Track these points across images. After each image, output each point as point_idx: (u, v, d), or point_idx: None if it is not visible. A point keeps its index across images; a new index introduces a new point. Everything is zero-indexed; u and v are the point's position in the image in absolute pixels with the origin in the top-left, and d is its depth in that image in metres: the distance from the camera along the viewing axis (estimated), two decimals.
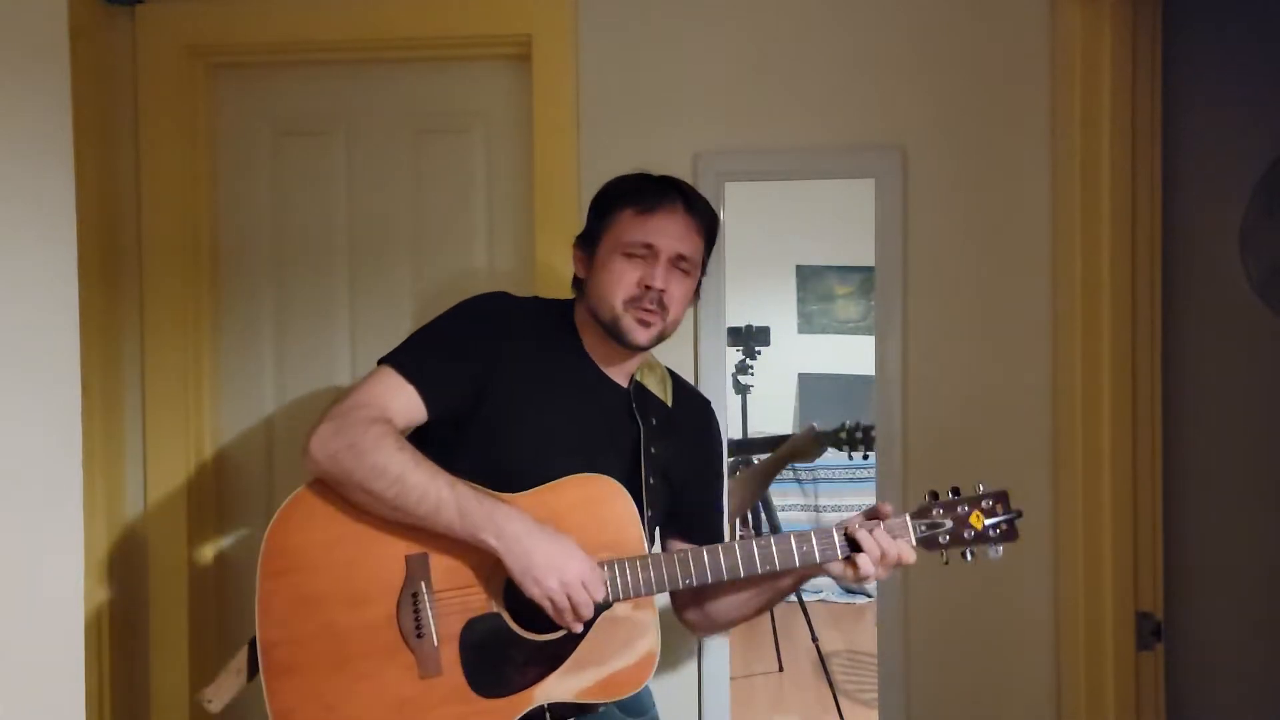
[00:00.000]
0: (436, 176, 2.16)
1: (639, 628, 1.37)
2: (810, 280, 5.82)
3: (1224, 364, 1.81)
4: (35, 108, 1.33)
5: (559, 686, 1.35)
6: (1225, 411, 1.81)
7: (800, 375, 5.72)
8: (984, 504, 1.42)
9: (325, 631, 1.33)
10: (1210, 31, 1.82)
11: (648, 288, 1.42)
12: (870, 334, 2.32)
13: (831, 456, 5.50)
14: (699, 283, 1.53)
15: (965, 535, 1.41)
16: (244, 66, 2.19)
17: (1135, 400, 1.82)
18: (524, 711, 1.34)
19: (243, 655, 1.39)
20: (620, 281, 1.43)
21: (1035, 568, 1.96)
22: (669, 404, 1.55)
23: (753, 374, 5.85)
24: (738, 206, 2.11)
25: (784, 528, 4.32)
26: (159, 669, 2.15)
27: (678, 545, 1.55)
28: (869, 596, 5.01)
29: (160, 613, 2.14)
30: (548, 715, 1.38)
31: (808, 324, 5.86)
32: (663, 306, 1.43)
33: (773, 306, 5.73)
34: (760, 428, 4.69)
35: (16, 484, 1.30)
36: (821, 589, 5.09)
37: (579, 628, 1.33)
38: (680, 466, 1.52)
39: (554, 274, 2.03)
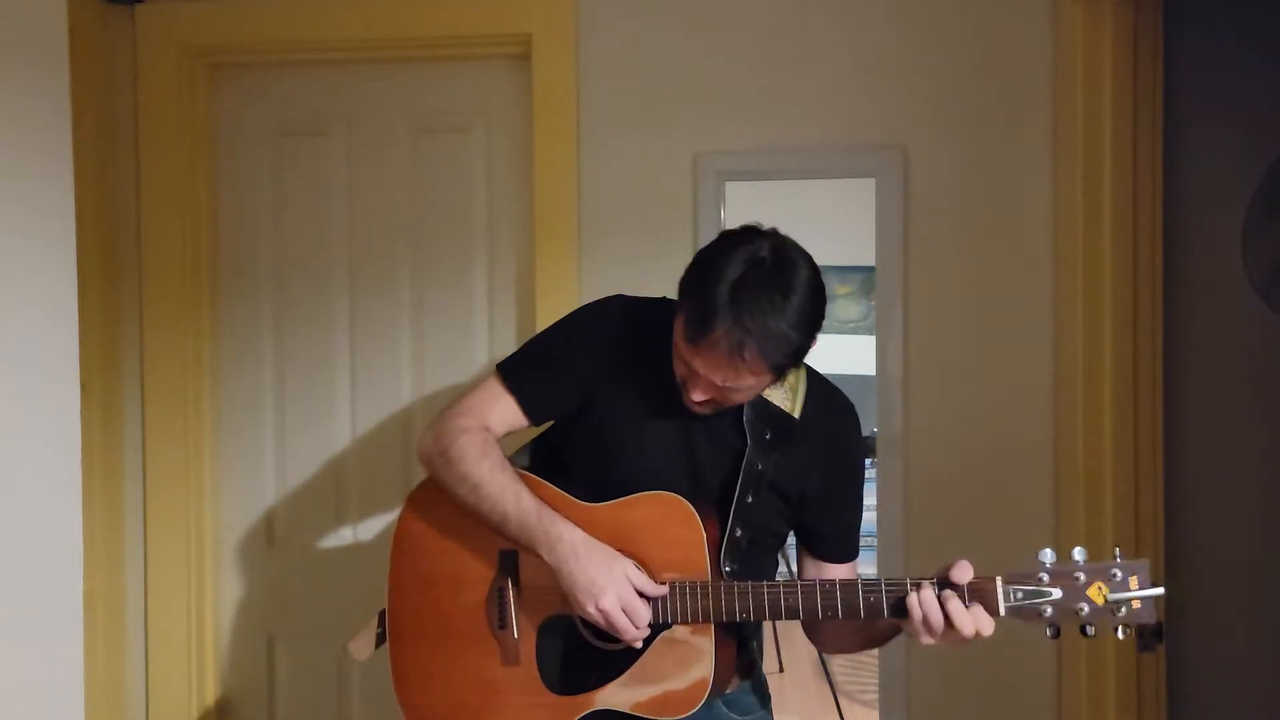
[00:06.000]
0: (436, 176, 2.16)
1: (694, 652, 1.36)
2: None
3: (1225, 365, 1.81)
4: (35, 108, 1.33)
5: (618, 695, 1.38)
6: (1227, 412, 1.81)
7: None
8: (1112, 575, 1.19)
9: (434, 609, 1.46)
10: (1211, 31, 1.81)
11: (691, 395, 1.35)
12: (870, 334, 2.32)
13: None
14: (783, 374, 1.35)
15: (1080, 609, 1.19)
16: (244, 66, 2.18)
17: (1137, 401, 1.82)
18: (585, 712, 1.39)
19: (376, 620, 1.53)
20: (676, 370, 1.37)
21: None
22: (795, 415, 1.44)
23: None
24: (737, 206, 2.11)
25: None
26: (157, 667, 2.15)
27: (804, 557, 1.52)
28: None
29: (160, 612, 2.15)
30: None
31: None
32: (717, 406, 1.36)
33: None
34: None
35: (16, 484, 1.30)
36: None
37: (636, 644, 1.35)
38: (802, 481, 1.44)
39: (553, 272, 2.03)
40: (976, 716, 1.99)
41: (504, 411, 1.46)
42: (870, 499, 1.54)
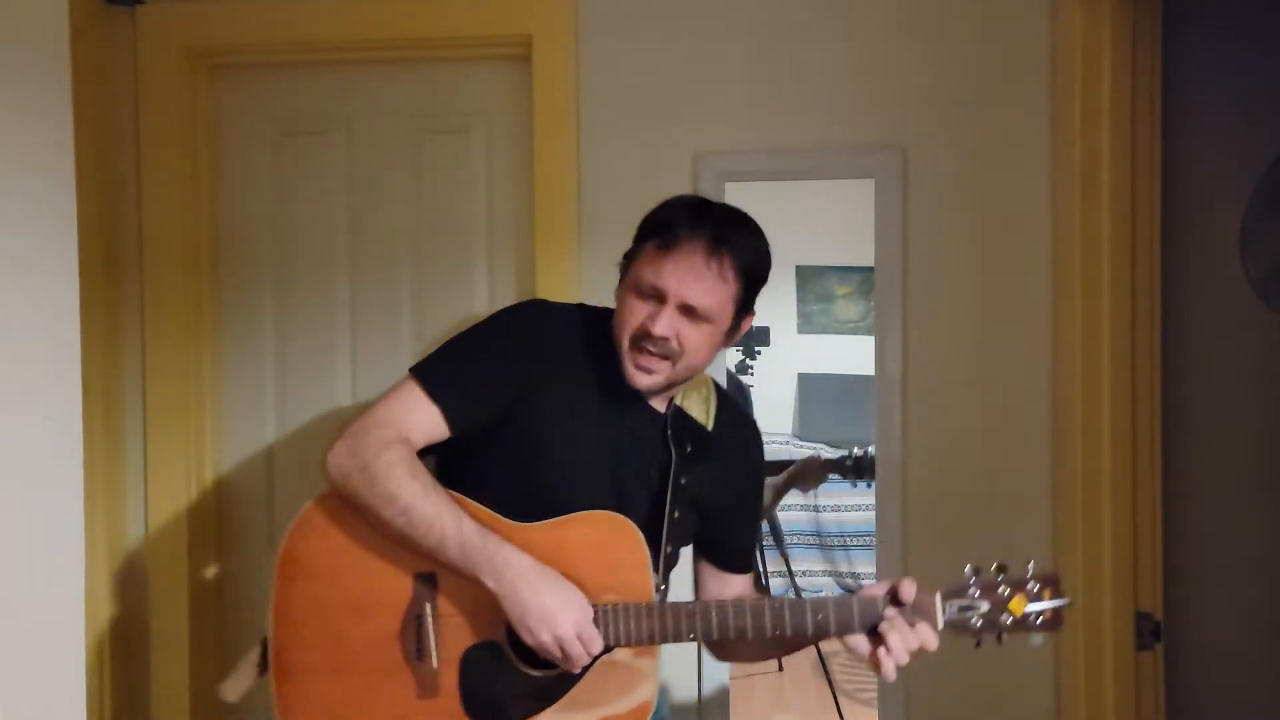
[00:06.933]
0: (436, 176, 2.16)
1: (637, 675, 1.33)
2: (810, 280, 5.82)
3: (1224, 364, 1.81)
4: (36, 109, 1.33)
5: None
6: (1225, 411, 1.81)
7: (800, 375, 5.73)
8: (1029, 587, 1.30)
9: (332, 640, 1.35)
10: (1210, 31, 1.81)
11: (649, 333, 1.32)
12: (870, 334, 2.32)
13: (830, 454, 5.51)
14: (735, 326, 1.39)
15: (1002, 620, 1.29)
16: (244, 66, 2.19)
17: (1135, 400, 1.82)
18: None
19: (256, 651, 1.41)
20: (628, 319, 1.34)
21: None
22: (709, 427, 1.46)
23: (753, 374, 5.85)
24: (737, 207, 2.11)
25: (784, 528, 4.31)
26: (159, 668, 2.15)
27: (706, 570, 1.53)
28: None
29: (161, 612, 2.14)
30: None
31: (808, 324, 5.85)
32: (671, 353, 1.33)
33: (773, 306, 5.71)
34: (760, 428, 4.70)
35: (17, 485, 1.30)
36: (822, 588, 5.09)
37: (576, 670, 1.30)
38: (714, 494, 1.46)
39: (553, 272, 2.03)
40: (975, 716, 1.99)
41: (424, 420, 1.35)
42: (868, 498, 1.54)
